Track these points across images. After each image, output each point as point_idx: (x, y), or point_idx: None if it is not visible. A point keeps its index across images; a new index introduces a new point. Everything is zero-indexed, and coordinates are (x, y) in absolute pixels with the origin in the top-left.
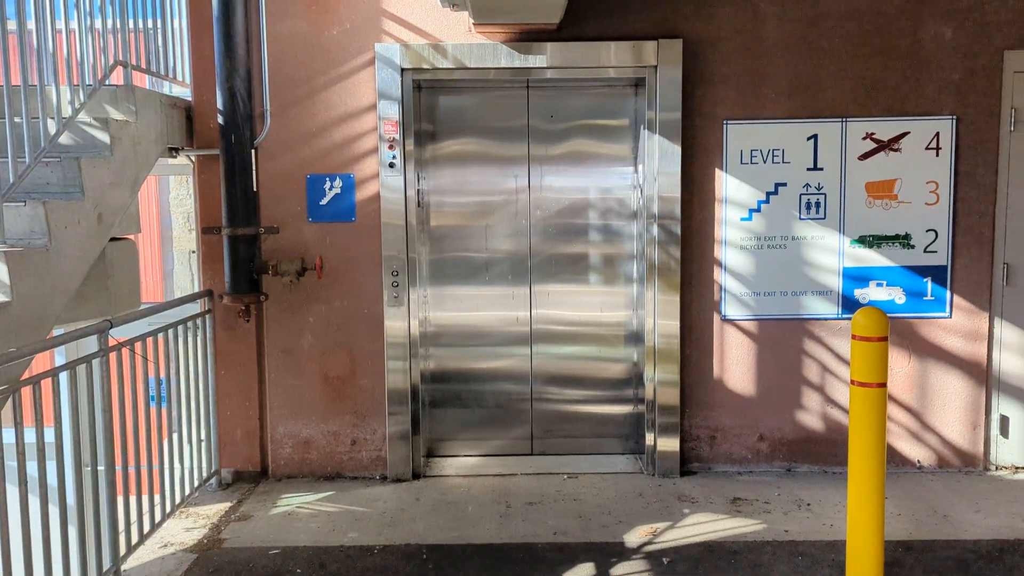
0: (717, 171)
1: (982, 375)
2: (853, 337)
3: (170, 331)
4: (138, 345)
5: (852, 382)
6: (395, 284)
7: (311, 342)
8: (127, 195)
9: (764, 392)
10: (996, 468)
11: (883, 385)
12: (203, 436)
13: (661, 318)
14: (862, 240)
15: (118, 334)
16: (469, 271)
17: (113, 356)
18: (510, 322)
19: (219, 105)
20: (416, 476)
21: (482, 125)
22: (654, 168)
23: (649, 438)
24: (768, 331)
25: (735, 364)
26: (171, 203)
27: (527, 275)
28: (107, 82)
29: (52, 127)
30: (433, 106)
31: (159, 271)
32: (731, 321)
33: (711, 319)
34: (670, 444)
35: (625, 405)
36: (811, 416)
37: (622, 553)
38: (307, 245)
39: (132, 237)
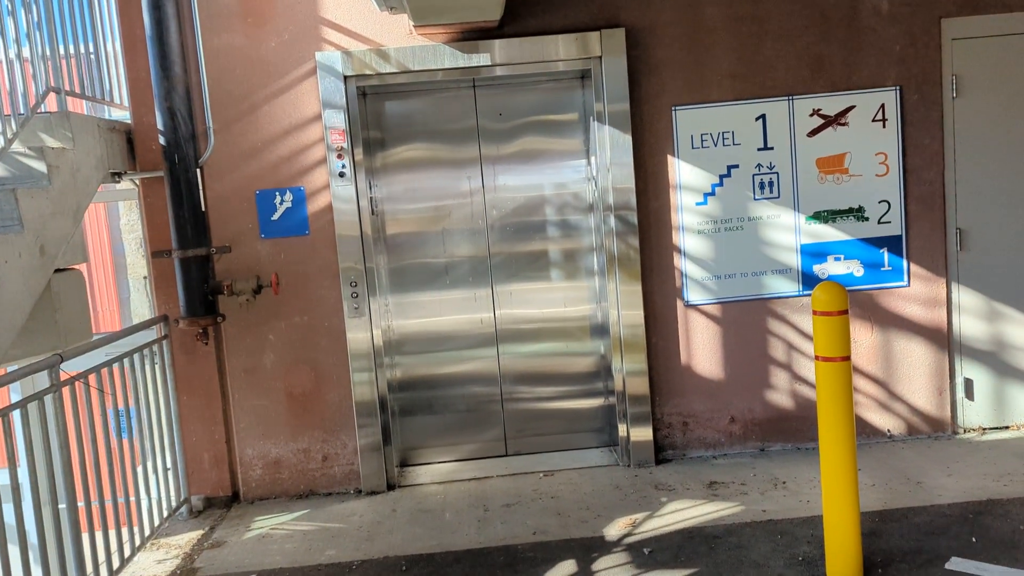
0: (669, 158)
1: (944, 340)
2: (814, 313)
3: (127, 360)
4: (92, 377)
5: (816, 357)
6: (354, 295)
7: (273, 360)
8: (70, 224)
9: (732, 374)
10: (964, 431)
11: (847, 359)
12: (169, 464)
13: (625, 309)
14: (817, 216)
15: (72, 367)
16: (429, 276)
17: (67, 390)
18: (475, 324)
19: (159, 125)
20: (391, 487)
21: (431, 129)
22: (607, 159)
23: (622, 429)
24: (731, 313)
25: (701, 349)
26: (122, 229)
27: (488, 276)
28: (40, 110)
29: None
30: (380, 113)
31: (115, 299)
32: (694, 306)
33: (674, 306)
34: (643, 434)
35: (596, 398)
36: (780, 395)
37: (603, 547)
38: (261, 262)
39: (79, 267)
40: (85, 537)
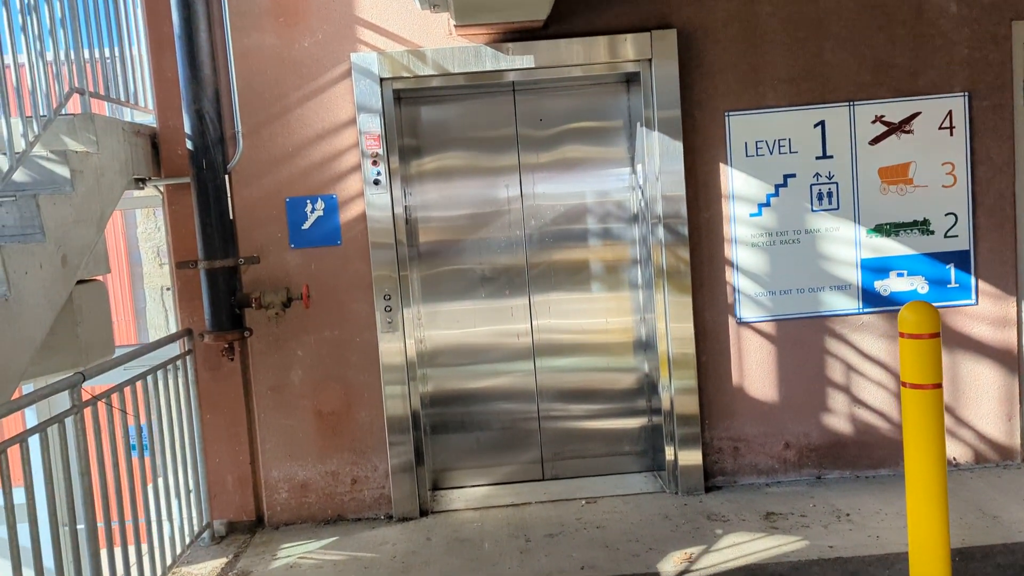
0: (722, 166)
1: (1014, 363)
2: (902, 335)
3: (149, 377)
4: (115, 397)
5: (904, 384)
6: (388, 309)
7: (301, 377)
8: (93, 232)
9: (787, 397)
10: None
11: (938, 386)
12: (191, 486)
13: (673, 324)
14: (879, 229)
15: (93, 384)
16: (464, 286)
17: (88, 410)
18: (511, 336)
19: (187, 129)
20: (424, 513)
21: (468, 135)
22: (655, 167)
23: (668, 452)
24: (787, 331)
25: (754, 369)
26: (139, 238)
27: (525, 287)
28: (63, 111)
29: (4, 163)
30: (415, 119)
31: (131, 311)
32: (747, 323)
33: (726, 322)
34: (692, 457)
35: (639, 417)
36: (838, 419)
37: None
38: (291, 273)
39: (101, 278)
40: (105, 567)
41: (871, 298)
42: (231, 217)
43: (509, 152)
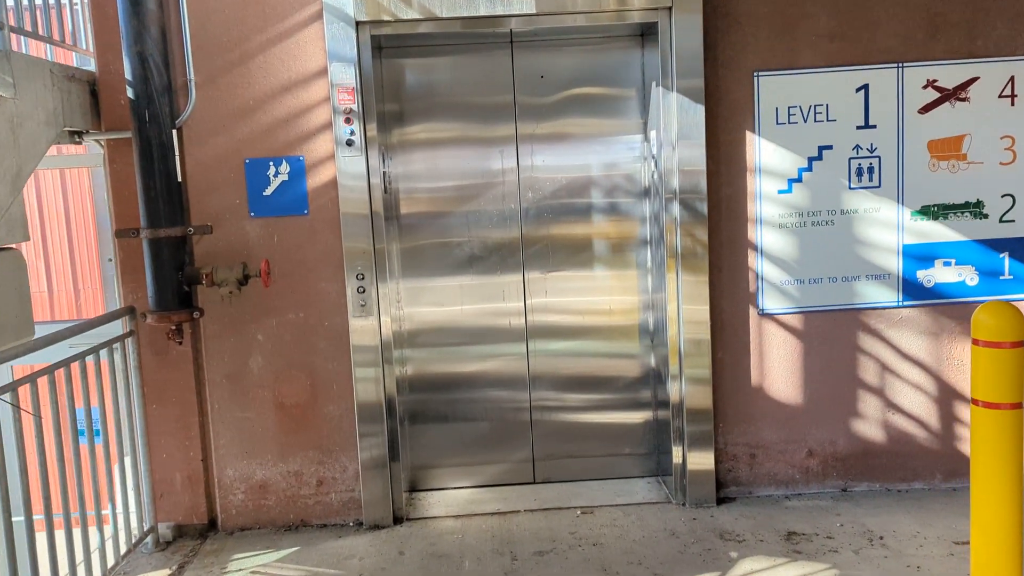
0: (748, 135)
1: None
2: (975, 343)
3: (82, 360)
4: (26, 389)
5: (975, 402)
6: (361, 290)
7: (261, 364)
8: (5, 192)
9: (812, 398)
10: None
11: (1019, 406)
12: (133, 486)
13: (687, 313)
14: (925, 211)
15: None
16: (449, 262)
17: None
18: (501, 316)
19: (127, 75)
20: (398, 520)
21: (458, 96)
22: (672, 135)
23: (676, 454)
24: (815, 325)
25: (777, 366)
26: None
27: (519, 263)
28: None
29: None
30: (398, 79)
31: (99, 280)
32: (770, 315)
33: (746, 314)
34: (703, 461)
35: (642, 411)
36: (869, 425)
37: None
38: (250, 246)
39: (18, 246)
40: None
41: (912, 289)
42: (179, 179)
43: (505, 115)
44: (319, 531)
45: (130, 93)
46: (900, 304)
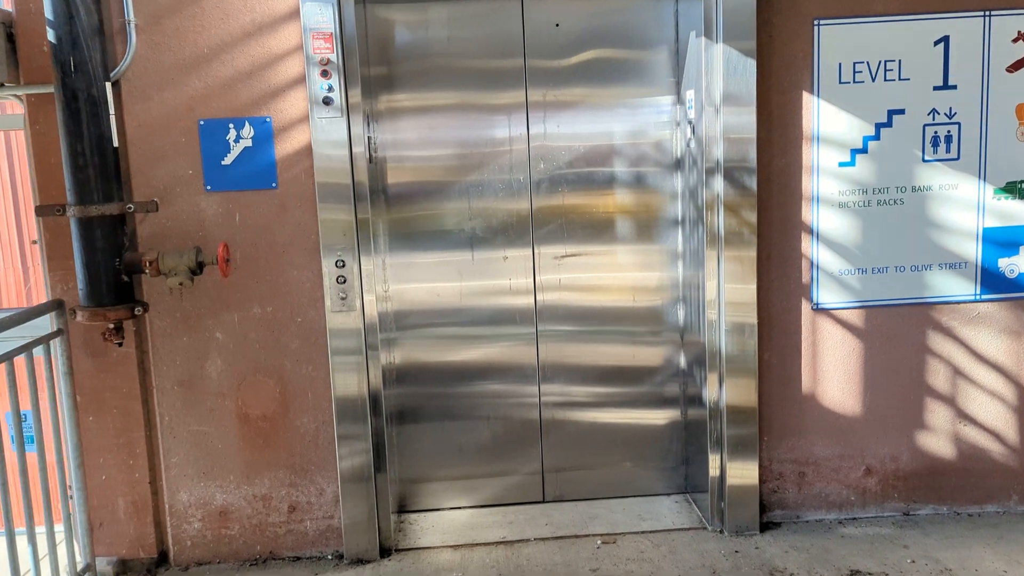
0: (805, 96)
1: None
2: None
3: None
4: None
5: None
6: (341, 279)
7: (221, 369)
8: None
9: (872, 408)
10: None
11: None
12: (64, 514)
13: (730, 306)
14: (1011, 189)
15: None
16: (445, 234)
17: None
18: (506, 295)
19: (47, 14)
20: (385, 552)
21: (458, 55)
22: (716, 95)
23: (712, 464)
24: (877, 322)
25: (832, 370)
26: None
27: (529, 236)
28: None
29: None
30: (386, 36)
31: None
32: (826, 310)
33: (798, 308)
34: (746, 474)
35: (668, 409)
36: (937, 438)
37: None
38: (206, 227)
39: None
40: None
41: (993, 281)
42: (116, 145)
43: (513, 79)
44: (291, 565)
45: (51, 36)
46: (977, 298)
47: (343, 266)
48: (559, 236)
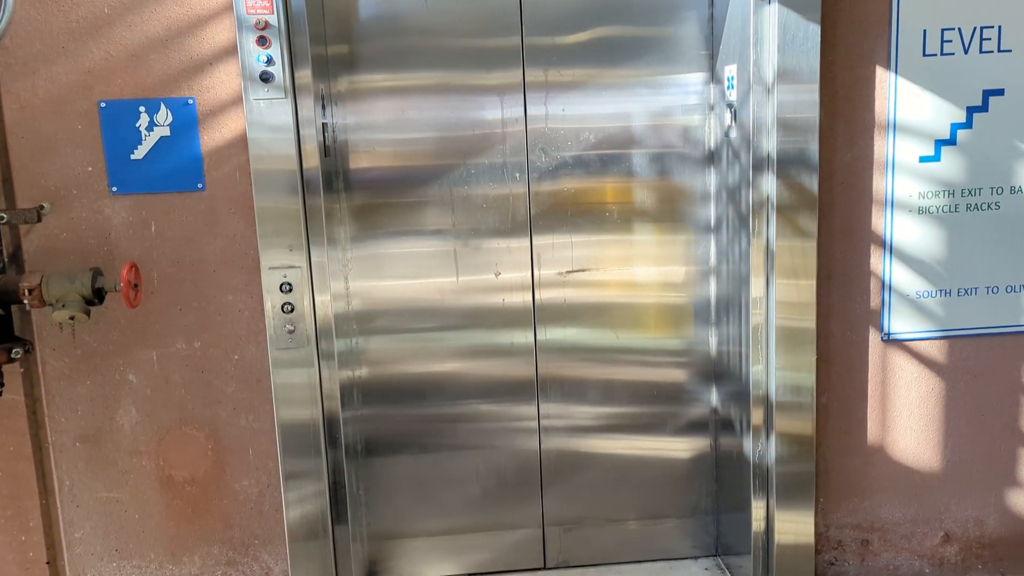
0: (879, 72)
1: None
2: None
3: None
4: None
5: None
6: (288, 307)
7: (136, 420)
8: None
9: (954, 461)
10: None
11: None
12: None
13: (783, 338)
14: None
15: None
16: (422, 222)
17: None
18: (498, 292)
19: None
20: None
21: (438, 30)
22: (767, 70)
23: (756, 514)
24: (963, 356)
25: (905, 415)
26: None
27: (526, 225)
28: None
29: None
30: (347, 9)
31: None
32: (899, 342)
33: (864, 340)
34: (798, 528)
35: (696, 437)
36: None
37: None
38: (112, 241)
39: None
40: None
41: None
42: None
43: (507, 54)
44: None
45: None
46: None
47: (290, 290)
48: (563, 247)
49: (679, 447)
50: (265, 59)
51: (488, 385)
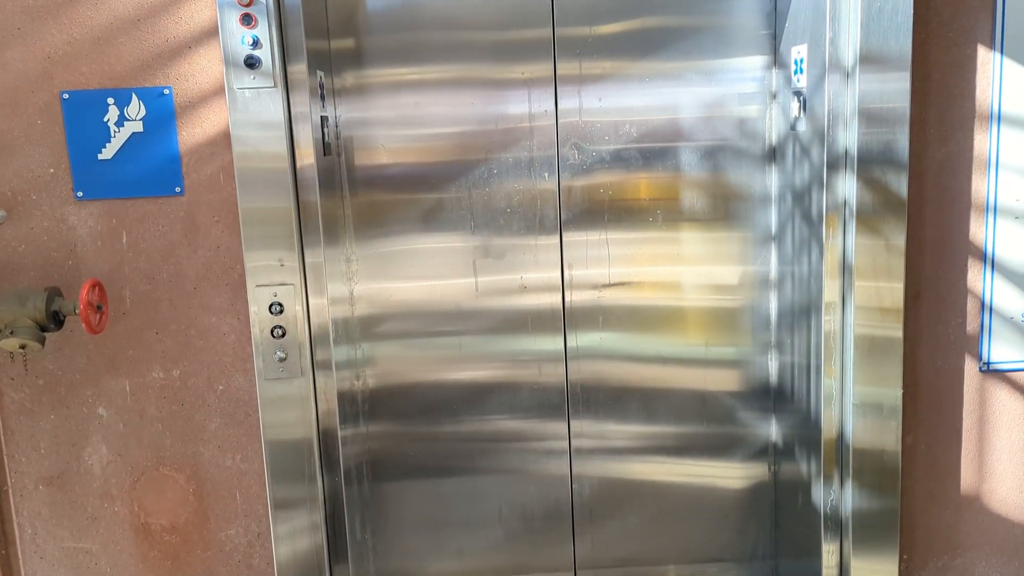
0: (981, 52)
1: None
2: None
3: None
4: None
5: None
6: (278, 332)
7: (108, 460)
8: None
9: None
10: None
11: None
12: None
13: (862, 367)
14: None
15: None
16: (437, 219)
17: None
18: (524, 294)
19: None
20: None
21: (458, 27)
22: (846, 50)
23: (827, 560)
24: None
25: (1006, 459)
26: None
27: (556, 223)
28: None
29: None
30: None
31: None
32: (1000, 372)
33: (959, 369)
34: None
35: (751, 464)
36: None
37: None
38: (77, 253)
39: None
40: None
41: None
42: None
43: (536, 50)
44: None
45: None
46: None
47: (280, 312)
48: (597, 251)
49: (734, 475)
50: (250, 41)
51: (512, 398)
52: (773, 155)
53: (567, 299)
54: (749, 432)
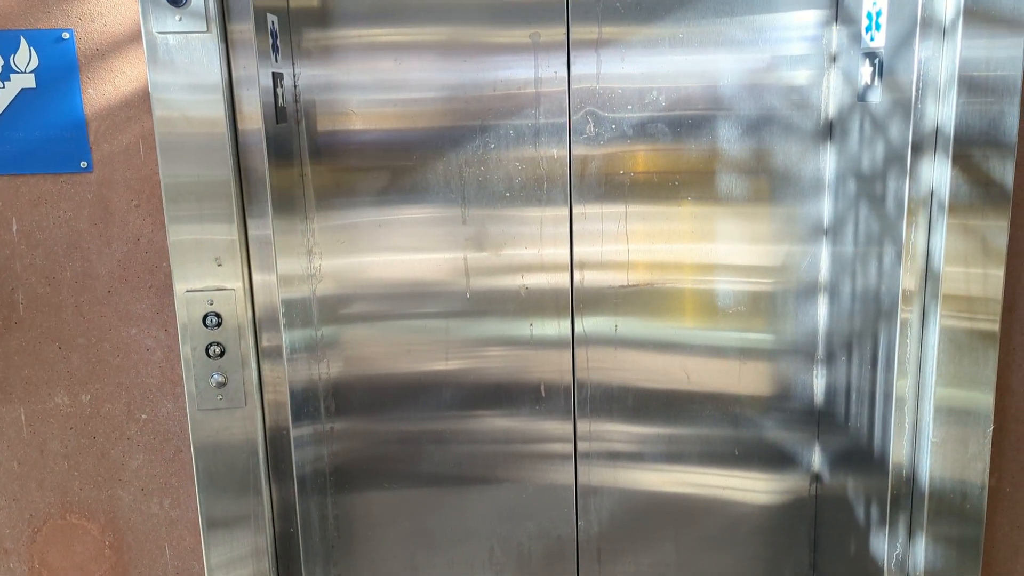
0: None
1: None
2: None
3: None
4: None
5: None
6: (216, 350)
7: (0, 506)
8: None
9: None
10: None
11: None
12: None
13: (945, 397)
14: None
15: None
16: (422, 187)
17: None
18: (525, 272)
19: None
20: None
21: None
22: (941, 3)
23: None
24: None
25: None
26: None
27: (566, 196)
28: None
29: None
30: None
31: None
32: None
33: None
34: None
35: (787, 500)
36: None
37: None
38: None
39: None
40: None
41: None
42: None
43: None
44: None
45: None
46: None
47: (218, 324)
48: (614, 240)
49: (767, 518)
50: None
51: (508, 393)
52: (830, 131)
53: (575, 275)
54: (787, 464)
